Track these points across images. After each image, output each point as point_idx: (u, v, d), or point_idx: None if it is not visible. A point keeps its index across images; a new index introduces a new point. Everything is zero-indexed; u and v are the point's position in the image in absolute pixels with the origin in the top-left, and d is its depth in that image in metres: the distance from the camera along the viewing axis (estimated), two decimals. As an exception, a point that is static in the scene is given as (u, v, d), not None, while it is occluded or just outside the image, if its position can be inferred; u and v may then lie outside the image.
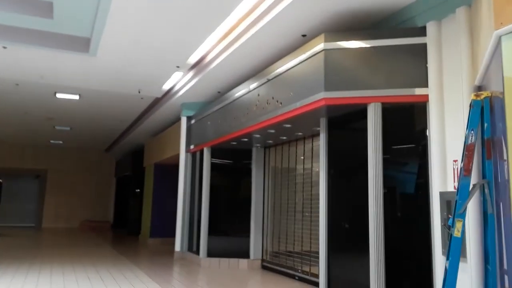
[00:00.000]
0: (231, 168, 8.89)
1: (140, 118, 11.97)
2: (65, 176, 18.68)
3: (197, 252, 8.31)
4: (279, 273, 7.14)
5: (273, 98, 5.84)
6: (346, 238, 5.18)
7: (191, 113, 9.47)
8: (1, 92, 9.69)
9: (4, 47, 6.65)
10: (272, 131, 6.46)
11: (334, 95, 4.63)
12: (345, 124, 5.40)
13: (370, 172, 4.46)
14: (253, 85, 6.52)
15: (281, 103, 5.58)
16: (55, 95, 9.91)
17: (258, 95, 6.30)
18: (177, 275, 7.36)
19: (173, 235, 11.91)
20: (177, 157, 10.67)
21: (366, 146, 4.54)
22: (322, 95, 4.65)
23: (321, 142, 5.40)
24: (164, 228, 12.00)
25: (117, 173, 18.82)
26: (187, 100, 9.28)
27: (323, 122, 5.43)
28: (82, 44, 6.81)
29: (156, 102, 10.17)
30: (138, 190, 14.30)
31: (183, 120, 9.60)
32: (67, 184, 18.65)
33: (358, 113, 4.78)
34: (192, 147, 9.30)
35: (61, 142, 17.25)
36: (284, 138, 7.12)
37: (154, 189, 12.35)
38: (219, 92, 8.55)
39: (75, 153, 18.82)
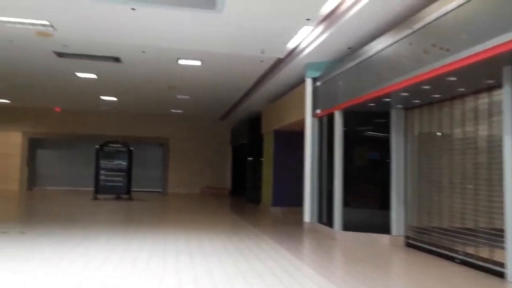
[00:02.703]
0: (366, 132, 7.97)
1: (258, 83, 11.52)
2: (185, 144, 19.40)
3: (329, 224, 7.68)
4: (429, 252, 6.18)
5: (433, 45, 4.77)
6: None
7: (316, 74, 8.67)
8: (128, 59, 9.88)
9: (133, 9, 6.47)
10: (427, 87, 5.39)
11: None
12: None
13: None
14: (401, 34, 5.46)
15: (448, 50, 4.50)
16: (177, 62, 9.85)
17: (410, 44, 5.25)
18: (314, 249, 6.84)
19: (295, 204, 11.52)
20: (299, 123, 10.05)
21: None
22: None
23: (505, 98, 4.24)
24: (286, 196, 11.62)
25: (232, 141, 18.99)
26: (311, 59, 8.49)
27: (508, 72, 4.25)
28: (209, 0, 6.35)
29: (277, 64, 9.55)
30: (259, 158, 14.09)
31: (308, 82, 8.85)
32: (187, 152, 19.38)
33: None
34: (318, 111, 8.55)
35: (181, 111, 17.80)
36: (437, 96, 5.98)
37: (274, 156, 11.95)
38: (349, 48, 7.60)
39: (192, 122, 19.38)
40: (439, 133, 6.30)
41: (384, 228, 6.97)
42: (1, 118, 17.72)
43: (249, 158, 15.44)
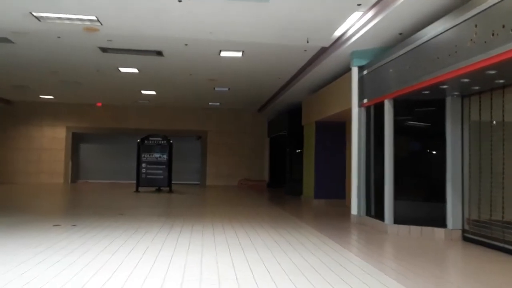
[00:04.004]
0: (418, 122, 7.64)
1: (299, 73, 11.30)
2: (223, 137, 19.46)
3: (378, 217, 7.42)
4: (489, 247, 5.85)
5: (504, 26, 4.43)
6: None
7: (363, 62, 8.37)
8: (170, 53, 9.90)
9: (180, 1, 6.41)
10: (493, 72, 5.04)
11: None
12: None
13: None
14: (465, 16, 5.13)
15: (521, 31, 4.16)
16: (219, 54, 9.78)
17: (476, 26, 4.91)
18: (366, 242, 6.62)
19: (338, 196, 11.31)
20: (343, 113, 9.80)
21: None
22: None
23: None
24: (329, 188, 11.40)
25: (270, 133, 18.85)
26: (358, 47, 8.19)
27: None
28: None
29: (321, 53, 9.30)
30: (298, 150, 13.90)
31: (354, 71, 8.56)
32: (224, 144, 19.43)
33: None
34: (365, 101, 8.26)
35: (218, 103, 17.82)
36: (501, 81, 5.61)
37: (316, 148, 11.72)
38: (400, 34, 7.27)
39: (230, 115, 19.40)
40: (501, 121, 5.92)
41: (438, 221, 6.67)
42: (47, 114, 18.29)
43: (288, 150, 15.26)
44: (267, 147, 19.32)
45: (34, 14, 7.16)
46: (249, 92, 14.89)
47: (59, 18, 7.34)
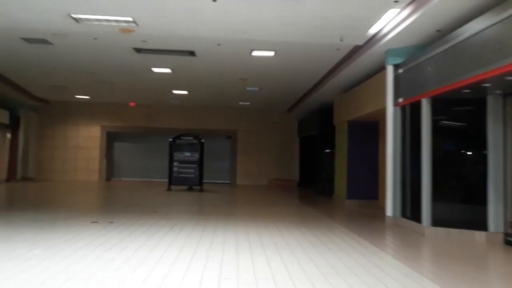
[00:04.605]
0: (457, 121, 7.42)
1: (331, 72, 11.18)
2: (253, 136, 19.50)
3: (415, 218, 7.24)
4: (534, 252, 5.62)
5: (554, 21, 4.24)
6: None
7: (398, 61, 8.19)
8: (202, 53, 9.98)
9: (214, 0, 6.44)
10: (541, 69, 4.84)
11: None
12: None
13: None
14: (510, 11, 4.93)
15: None
16: (251, 53, 9.79)
17: (523, 21, 4.72)
18: (403, 245, 6.50)
19: (371, 197, 11.12)
20: (376, 112, 9.63)
21: None
22: None
23: None
24: (361, 189, 11.22)
25: (300, 132, 18.75)
26: (393, 45, 8.03)
27: None
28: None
29: (354, 52, 9.17)
30: (329, 150, 13.76)
31: (389, 70, 8.39)
32: (254, 144, 19.48)
33: None
34: (400, 100, 8.08)
35: (248, 103, 17.86)
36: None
37: (348, 148, 11.56)
38: (438, 31, 7.07)
39: (260, 114, 19.43)
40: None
41: (479, 224, 6.45)
42: (83, 113, 18.82)
43: (318, 150, 15.13)
44: (297, 147, 19.22)
45: (73, 16, 7.36)
46: (280, 91, 14.85)
47: (97, 20, 7.52)
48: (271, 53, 9.78)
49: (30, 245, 5.27)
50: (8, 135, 16.68)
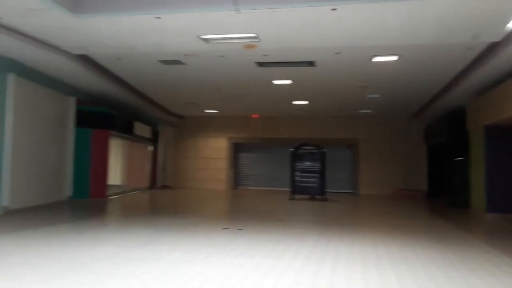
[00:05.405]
0: None
1: (462, 74, 10.29)
2: (375, 144, 18.84)
3: None
4: None
5: None
6: None
7: (546, 56, 7.21)
8: (321, 62, 10.02)
9: (334, 9, 6.45)
10: None
11: None
12: None
13: None
14: None
15: None
16: (371, 59, 9.54)
17: None
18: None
19: (517, 210, 9.89)
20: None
21: None
22: None
23: None
24: (505, 201, 10.05)
25: (427, 140, 17.53)
26: (539, 39, 7.10)
27: None
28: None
29: (489, 50, 8.32)
30: (461, 158, 12.61)
31: (536, 66, 7.43)
32: (377, 152, 18.78)
33: None
34: (551, 99, 7.07)
35: (369, 110, 17.33)
36: None
37: (486, 155, 10.46)
38: None
39: (381, 122, 18.71)
40: None
41: None
42: (211, 126, 20.27)
43: (449, 158, 13.96)
44: (424, 155, 17.99)
45: (202, 37, 8.01)
46: (403, 97, 14.13)
47: (223, 38, 8.07)
48: (394, 58, 9.39)
49: (171, 248, 5.83)
50: (150, 148, 18.72)
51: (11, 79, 9.32)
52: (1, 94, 9.17)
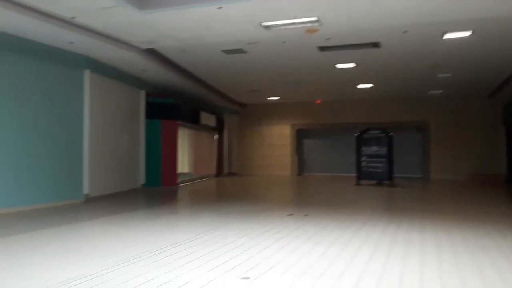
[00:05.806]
0: None
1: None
2: (447, 127, 17.88)
3: None
4: None
5: None
6: None
7: None
8: (387, 43, 9.62)
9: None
10: None
11: None
12: None
13: None
14: None
15: None
16: (442, 36, 8.99)
17: None
18: None
19: None
20: None
21: None
22: None
23: None
24: None
25: (506, 120, 16.28)
26: None
27: None
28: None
29: None
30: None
31: None
32: (449, 135, 17.82)
33: None
34: None
35: (440, 91, 16.42)
36: None
37: None
38: None
39: (454, 102, 17.68)
40: None
41: None
42: (275, 113, 20.33)
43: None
44: (503, 137, 16.76)
45: (263, 24, 7.99)
46: (477, 75, 13.21)
47: (284, 24, 8.01)
48: (467, 33, 8.78)
49: (238, 233, 5.97)
50: (216, 136, 19.20)
51: (87, 76, 9.97)
52: (79, 90, 9.84)
